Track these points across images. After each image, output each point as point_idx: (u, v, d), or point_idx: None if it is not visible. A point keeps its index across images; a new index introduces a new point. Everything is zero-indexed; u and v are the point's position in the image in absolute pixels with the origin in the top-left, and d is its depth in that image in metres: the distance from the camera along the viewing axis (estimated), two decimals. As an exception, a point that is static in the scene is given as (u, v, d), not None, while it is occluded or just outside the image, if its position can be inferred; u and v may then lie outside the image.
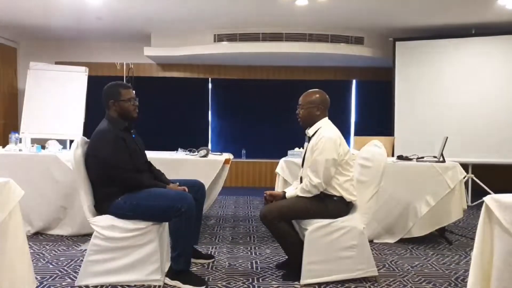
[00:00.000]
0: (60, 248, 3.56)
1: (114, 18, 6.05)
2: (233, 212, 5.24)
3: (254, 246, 3.74)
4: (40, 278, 2.83)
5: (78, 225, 3.83)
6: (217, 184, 4.02)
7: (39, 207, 3.84)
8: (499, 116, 6.01)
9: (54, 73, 6.47)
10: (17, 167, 3.80)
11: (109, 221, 2.73)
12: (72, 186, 3.60)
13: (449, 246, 3.84)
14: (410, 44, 6.47)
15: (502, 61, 6.08)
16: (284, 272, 3.01)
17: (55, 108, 6.30)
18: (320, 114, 2.97)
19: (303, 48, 6.52)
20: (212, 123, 8.01)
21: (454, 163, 3.91)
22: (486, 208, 1.92)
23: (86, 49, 7.51)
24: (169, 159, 4.02)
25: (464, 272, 3.11)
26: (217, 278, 2.92)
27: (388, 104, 6.69)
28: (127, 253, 2.72)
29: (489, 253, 1.89)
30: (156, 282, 2.73)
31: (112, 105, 2.87)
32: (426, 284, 2.90)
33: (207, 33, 6.67)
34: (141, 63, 7.54)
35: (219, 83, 7.92)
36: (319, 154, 2.80)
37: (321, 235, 2.79)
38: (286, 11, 5.61)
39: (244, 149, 7.74)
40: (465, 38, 6.23)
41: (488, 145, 6.01)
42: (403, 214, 3.86)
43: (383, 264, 3.28)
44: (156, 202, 2.70)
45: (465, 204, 3.93)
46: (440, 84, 6.31)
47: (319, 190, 2.83)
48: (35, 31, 6.84)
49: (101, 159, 2.74)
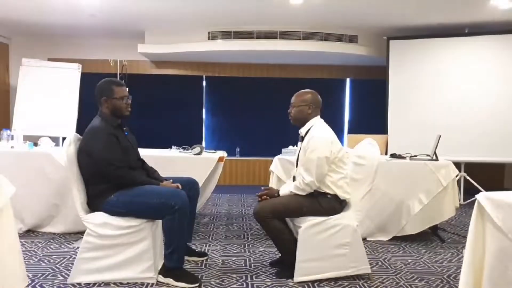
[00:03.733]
0: (53, 245, 3.54)
1: (108, 15, 6.01)
2: (226, 210, 5.23)
3: (247, 244, 3.75)
4: (32, 276, 2.81)
5: (71, 222, 3.80)
6: (211, 182, 4.02)
7: (31, 204, 3.81)
8: (492, 115, 6.05)
9: (47, 70, 6.42)
10: (9, 164, 3.76)
11: (102, 219, 2.72)
12: (65, 183, 3.58)
13: (442, 244, 3.87)
14: (404, 43, 6.49)
15: (495, 61, 6.12)
16: (277, 270, 3.01)
17: (48, 105, 6.26)
18: (311, 112, 2.98)
19: (297, 46, 6.53)
20: (206, 120, 7.99)
21: (447, 162, 3.93)
22: (478, 206, 1.93)
23: (79, 46, 7.45)
24: (162, 156, 4.00)
25: (456, 269, 3.14)
26: (211, 276, 2.91)
27: (381, 102, 6.71)
28: (120, 251, 2.71)
29: (481, 251, 1.90)
30: (149, 280, 2.72)
31: (104, 102, 2.85)
32: (418, 281, 2.91)
33: (201, 30, 6.64)
34: (134, 60, 7.51)
35: (213, 80, 7.89)
36: (311, 152, 2.81)
37: (315, 233, 2.80)
38: (281, 9, 5.61)
39: (238, 147, 7.74)
40: (458, 37, 6.26)
41: (481, 143, 6.04)
42: (396, 212, 3.88)
43: (376, 262, 3.30)
44: (150, 199, 2.69)
45: (458, 202, 3.95)
46: (433, 83, 6.34)
47: (312, 188, 2.84)
48: (27, 27, 6.77)
49: (93, 156, 2.72)
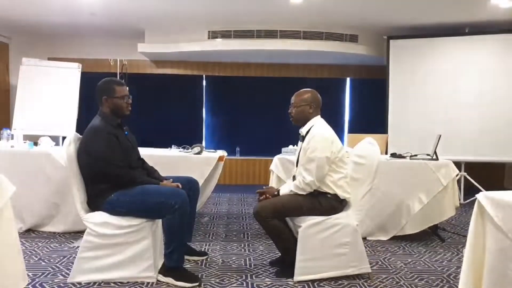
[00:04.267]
0: (53, 245, 3.54)
1: (108, 14, 6.01)
2: (226, 210, 5.23)
3: (247, 243, 3.75)
4: (32, 275, 2.81)
5: (71, 222, 3.81)
6: (211, 181, 4.02)
7: (31, 204, 3.81)
8: (492, 114, 6.04)
9: (47, 69, 6.40)
10: (9, 163, 3.76)
11: (102, 218, 2.72)
12: (65, 182, 3.58)
13: (442, 243, 3.87)
14: (404, 42, 6.48)
15: (496, 60, 6.11)
16: (277, 269, 3.01)
17: (48, 104, 6.24)
18: (312, 112, 2.97)
19: (297, 45, 6.52)
20: (206, 120, 7.99)
21: (447, 161, 3.93)
22: (478, 205, 1.93)
23: (79, 45, 7.45)
24: (162, 156, 4.00)
25: (456, 269, 3.14)
26: (211, 275, 2.91)
27: (382, 102, 6.70)
28: (120, 250, 2.71)
29: (481, 250, 1.90)
30: (149, 279, 2.72)
31: (105, 101, 2.85)
32: (418, 281, 2.91)
33: (201, 30, 6.64)
34: (134, 60, 7.50)
35: (213, 80, 7.89)
36: (312, 152, 2.81)
37: (315, 232, 2.80)
38: (280, 8, 5.61)
39: (238, 147, 7.73)
40: (459, 37, 6.25)
41: (481, 143, 6.04)
42: (396, 212, 3.87)
43: (376, 261, 3.30)
44: (150, 198, 2.69)
45: (458, 201, 3.95)
46: (433, 83, 6.33)
47: (312, 188, 2.84)
48: (27, 27, 6.77)
49: (93, 156, 2.72)
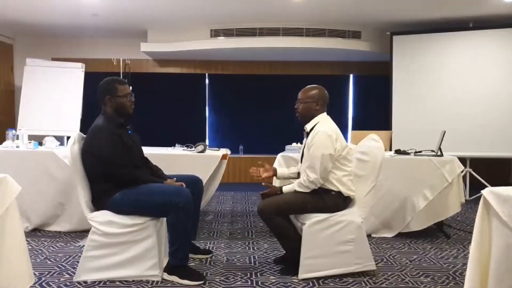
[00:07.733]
0: (58, 244, 3.56)
1: (111, 14, 6.01)
2: (230, 208, 5.24)
3: (252, 241, 3.75)
4: (39, 274, 2.83)
5: (76, 221, 3.83)
6: (215, 179, 4.02)
7: (36, 203, 3.83)
8: (497, 110, 6.01)
9: (51, 70, 6.43)
10: (14, 163, 3.78)
11: (106, 217, 2.73)
12: (70, 182, 3.60)
13: (447, 240, 3.85)
14: (407, 38, 6.46)
15: (500, 55, 6.08)
16: (282, 267, 3.01)
17: (52, 104, 6.27)
18: (319, 109, 2.96)
19: (300, 43, 6.51)
20: (209, 118, 7.99)
21: (452, 157, 3.90)
22: (484, 201, 1.91)
23: (83, 45, 7.48)
24: (166, 154, 4.00)
25: (462, 265, 3.12)
26: (215, 273, 2.92)
27: (385, 98, 6.68)
28: (125, 249, 2.71)
29: (487, 247, 1.89)
30: (154, 278, 2.73)
31: (108, 100, 2.86)
32: (424, 278, 2.90)
33: (203, 28, 6.64)
34: (137, 59, 7.51)
35: (216, 78, 7.89)
36: (315, 149, 2.80)
37: (319, 230, 2.80)
38: (283, 5, 5.60)
39: (242, 145, 7.72)
40: (463, 32, 6.22)
41: (486, 138, 6.01)
42: (401, 208, 3.86)
43: (381, 258, 3.29)
44: (154, 197, 2.70)
45: (463, 198, 3.94)
46: (437, 78, 6.30)
47: (316, 185, 2.83)
48: (31, 28, 6.80)
49: (97, 155, 2.73)
